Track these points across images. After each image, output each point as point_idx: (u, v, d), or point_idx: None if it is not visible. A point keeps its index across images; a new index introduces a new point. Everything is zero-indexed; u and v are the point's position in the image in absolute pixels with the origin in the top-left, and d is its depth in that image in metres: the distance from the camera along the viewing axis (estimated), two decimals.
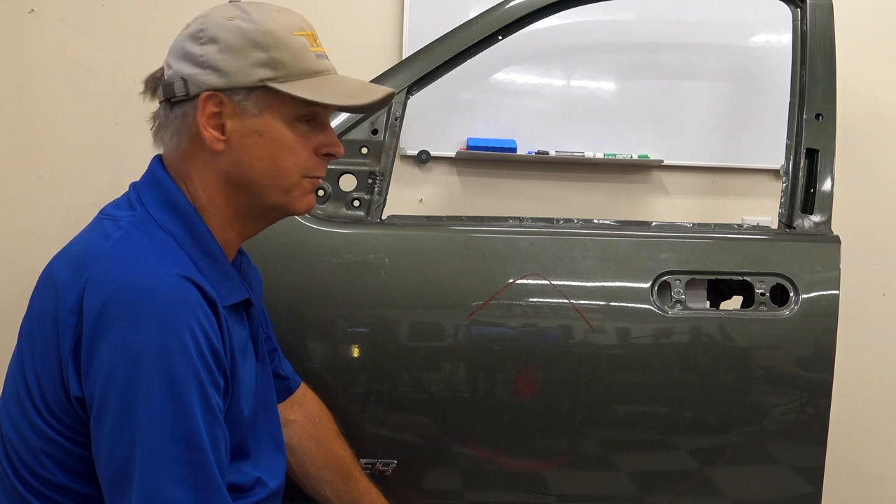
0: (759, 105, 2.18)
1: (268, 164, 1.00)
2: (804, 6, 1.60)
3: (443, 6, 2.08)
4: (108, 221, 0.98)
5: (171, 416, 0.87)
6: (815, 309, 1.44)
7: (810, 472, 1.46)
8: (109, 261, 0.91)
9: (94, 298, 0.89)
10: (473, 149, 2.09)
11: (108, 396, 0.87)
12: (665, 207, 2.24)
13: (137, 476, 0.86)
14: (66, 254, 0.98)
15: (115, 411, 0.87)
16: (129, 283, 0.89)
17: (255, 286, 1.17)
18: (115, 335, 0.87)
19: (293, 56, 0.99)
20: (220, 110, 0.98)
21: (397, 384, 1.43)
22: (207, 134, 0.98)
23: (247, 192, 1.01)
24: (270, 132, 0.99)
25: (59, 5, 2.03)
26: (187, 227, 0.99)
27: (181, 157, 1.01)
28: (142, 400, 0.86)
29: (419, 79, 1.52)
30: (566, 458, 1.45)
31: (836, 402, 1.46)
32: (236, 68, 0.97)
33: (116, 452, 0.87)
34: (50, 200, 2.05)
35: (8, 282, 2.02)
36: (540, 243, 1.46)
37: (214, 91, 0.97)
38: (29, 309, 0.99)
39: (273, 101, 0.98)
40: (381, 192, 1.49)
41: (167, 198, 1.00)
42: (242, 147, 0.99)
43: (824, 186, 1.53)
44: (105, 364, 0.87)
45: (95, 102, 2.04)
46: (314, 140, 1.03)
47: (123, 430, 0.87)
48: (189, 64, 0.98)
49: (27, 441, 0.95)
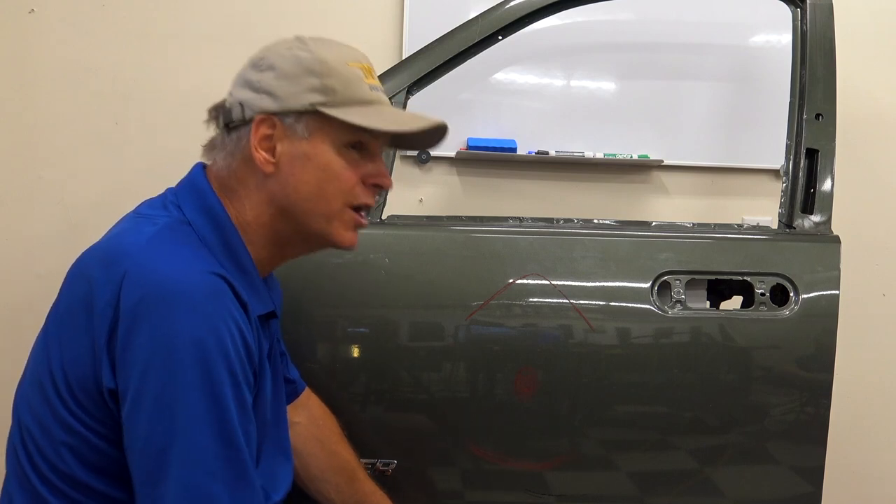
0: (759, 105, 2.18)
1: (313, 188, 1.02)
2: (804, 6, 1.60)
3: (443, 6, 2.08)
4: (144, 220, 1.00)
5: (208, 409, 0.88)
6: (815, 309, 1.44)
7: (810, 472, 1.46)
8: (145, 257, 0.93)
9: (132, 293, 0.90)
10: (473, 149, 2.09)
11: (144, 388, 0.88)
12: (665, 207, 2.24)
13: (174, 469, 0.87)
14: (99, 249, 0.99)
15: (152, 403, 0.88)
16: (165, 277, 0.91)
17: (277, 300, 1.18)
18: (151, 328, 0.88)
19: (345, 84, 1.02)
20: (272, 133, 1.00)
21: (397, 384, 1.43)
22: (259, 155, 1.00)
23: (290, 218, 1.03)
24: (318, 156, 1.01)
25: (59, 5, 2.03)
26: (221, 235, 1.01)
27: (231, 177, 1.04)
28: (180, 392, 0.87)
29: (419, 79, 1.52)
30: (566, 458, 1.45)
31: (836, 402, 1.46)
32: (289, 93, 1.00)
33: (152, 444, 0.88)
34: (50, 200, 2.05)
35: (8, 282, 2.02)
36: (540, 243, 1.46)
37: (268, 114, 1.00)
38: (58, 301, 1.00)
39: (322, 125, 1.01)
40: (381, 193, 1.49)
41: (205, 204, 1.02)
42: (290, 169, 1.01)
43: (824, 186, 1.53)
44: (142, 356, 0.88)
45: (95, 102, 2.04)
46: (362, 169, 1.05)
47: (160, 421, 0.88)
48: (247, 90, 1.02)
49: (49, 433, 0.95)
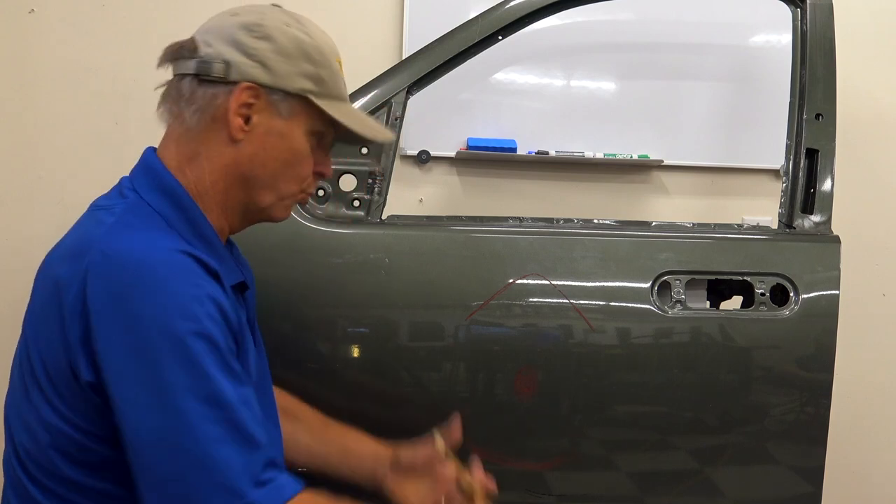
0: (759, 105, 2.18)
1: (279, 166, 1.03)
2: (804, 6, 1.60)
3: (443, 6, 2.08)
4: (101, 212, 0.99)
5: (191, 379, 0.88)
6: (815, 309, 1.44)
7: (810, 472, 1.46)
8: (106, 244, 0.92)
9: (97, 282, 0.90)
10: (473, 149, 2.09)
11: (126, 376, 0.88)
12: (665, 207, 2.24)
13: (175, 448, 0.86)
14: (61, 247, 0.99)
15: (137, 389, 0.88)
16: (129, 261, 0.91)
17: (247, 273, 1.18)
18: (122, 315, 0.88)
19: (332, 77, 1.05)
20: (253, 103, 1.01)
21: (397, 384, 1.43)
22: (235, 121, 1.00)
23: (246, 187, 1.04)
24: (292, 138, 1.03)
25: (59, 5, 2.03)
26: (181, 209, 1.01)
27: (194, 136, 1.02)
28: (162, 373, 0.87)
29: (419, 79, 1.52)
30: (566, 458, 1.45)
31: (836, 402, 1.46)
32: (286, 72, 1.01)
33: (146, 429, 0.87)
34: (50, 200, 2.05)
35: (8, 282, 2.02)
36: (540, 243, 1.46)
37: (257, 84, 1.00)
38: (31, 305, 1.00)
39: (304, 111, 1.03)
40: (381, 192, 1.49)
41: (159, 182, 1.01)
42: (262, 143, 1.02)
43: (824, 186, 1.53)
44: (118, 345, 0.88)
45: (95, 102, 2.04)
46: (315, 157, 1.08)
47: (149, 406, 0.87)
48: (238, 52, 1.00)
49: (37, 435, 0.95)
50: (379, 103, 1.49)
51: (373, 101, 1.50)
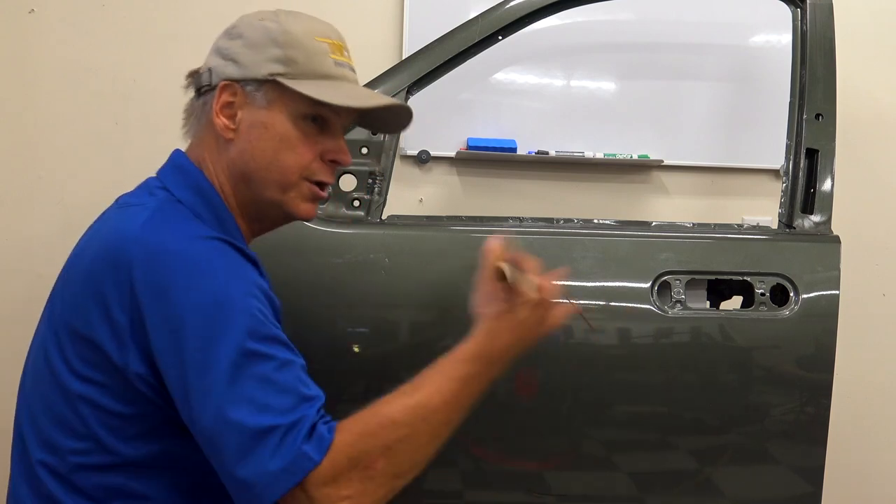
0: (759, 105, 2.18)
1: (269, 157, 1.03)
2: (804, 6, 1.60)
3: (443, 6, 2.08)
4: (132, 208, 1.00)
5: (241, 358, 0.87)
6: (815, 309, 1.44)
7: (810, 472, 1.46)
8: (147, 238, 0.93)
9: (144, 275, 0.90)
10: (473, 149, 2.09)
11: (188, 364, 0.88)
12: (665, 207, 2.24)
13: (229, 419, 0.86)
14: (91, 242, 0.99)
15: (197, 377, 0.87)
16: (171, 251, 0.92)
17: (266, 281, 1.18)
18: (172, 305, 0.89)
19: (307, 56, 1.02)
20: (234, 100, 1.02)
21: (397, 384, 1.43)
22: (219, 121, 1.02)
23: (248, 184, 1.04)
24: (275, 126, 1.02)
25: (59, 5, 2.03)
26: (212, 209, 1.02)
27: (200, 144, 1.06)
28: (217, 355, 0.87)
29: (419, 79, 1.52)
30: (566, 458, 1.45)
31: (836, 402, 1.46)
32: (252, 61, 1.02)
33: (204, 413, 0.87)
34: (50, 200, 2.05)
35: (8, 282, 2.02)
36: (540, 243, 1.46)
37: (231, 81, 1.02)
38: (58, 303, 0.99)
39: (281, 95, 1.02)
40: (381, 192, 1.49)
41: (192, 181, 1.03)
42: (248, 137, 1.02)
43: (824, 186, 1.53)
44: (175, 336, 0.88)
45: (95, 102, 2.04)
46: (321, 144, 1.06)
47: (205, 389, 0.87)
48: (217, 56, 1.05)
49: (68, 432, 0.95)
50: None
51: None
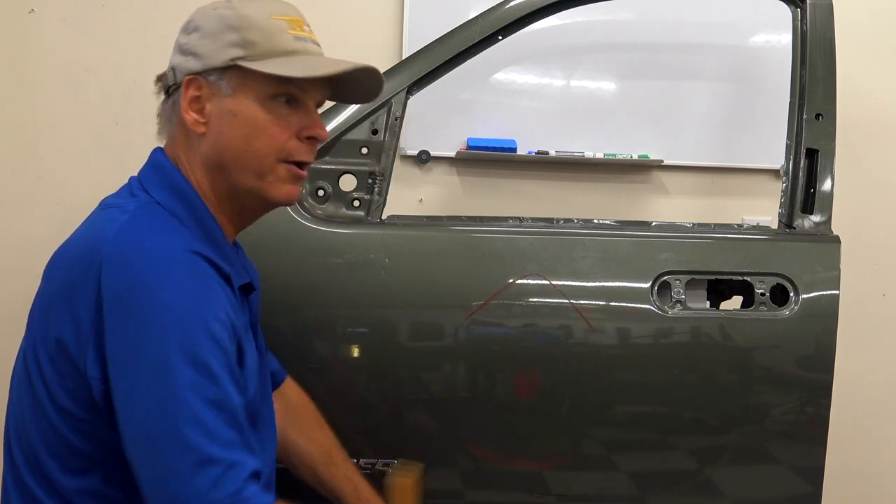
0: (759, 105, 2.18)
1: (241, 144, 1.01)
2: (804, 6, 1.60)
3: (443, 6, 2.08)
4: (113, 210, 0.99)
5: (198, 380, 0.88)
6: (815, 309, 1.44)
7: (810, 472, 1.46)
8: (122, 242, 0.93)
9: (111, 279, 0.90)
10: (473, 149, 2.09)
11: (130, 367, 0.88)
12: (665, 207, 2.24)
13: (170, 442, 0.87)
14: (72, 243, 0.99)
15: (146, 386, 0.88)
16: (142, 259, 0.91)
17: (253, 275, 1.18)
18: (133, 309, 0.89)
19: (266, 36, 1.00)
20: (199, 94, 1.01)
21: (397, 384, 1.43)
22: (188, 117, 1.01)
23: (224, 175, 1.03)
24: (243, 112, 1.01)
25: (59, 5, 2.03)
26: (191, 210, 1.01)
27: (173, 144, 1.05)
28: (169, 370, 0.87)
29: (419, 79, 1.52)
30: (566, 458, 1.45)
31: (836, 402, 1.46)
32: (210, 51, 1.00)
33: (151, 422, 0.88)
34: (50, 200, 2.05)
35: (8, 281, 2.02)
36: (540, 243, 1.46)
37: (194, 75, 1.00)
38: (38, 300, 1.00)
39: (245, 79, 1.00)
40: (381, 192, 1.49)
41: (170, 181, 1.02)
42: (219, 127, 1.01)
43: (824, 186, 1.53)
44: (125, 337, 0.89)
45: (95, 102, 2.04)
46: (295, 123, 1.03)
47: (156, 401, 0.87)
48: (177, 54, 1.04)
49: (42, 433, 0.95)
50: (379, 103, 1.49)
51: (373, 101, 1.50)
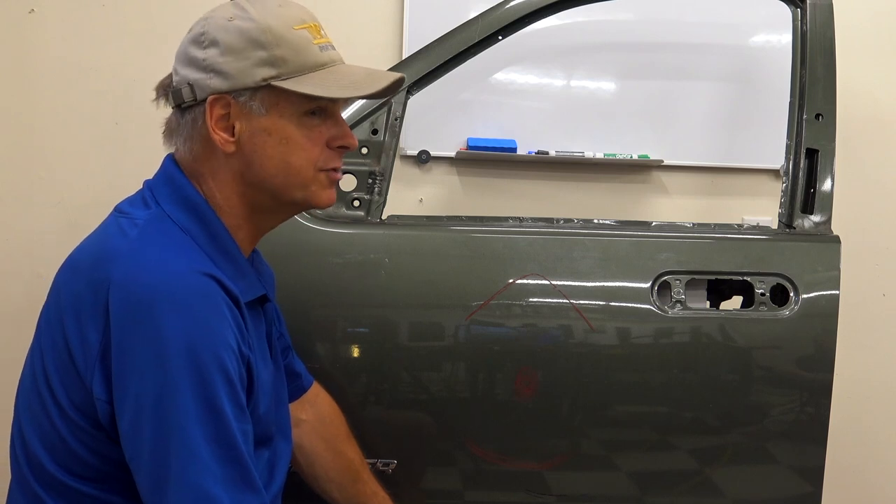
0: (759, 105, 2.18)
1: (279, 163, 1.00)
2: (804, 6, 1.60)
3: (443, 6, 2.08)
4: (125, 220, 0.99)
5: (203, 414, 0.88)
6: (815, 309, 1.44)
7: (810, 472, 1.46)
8: (130, 262, 0.92)
9: (120, 300, 0.89)
10: (473, 149, 2.09)
11: (142, 396, 0.88)
12: (665, 207, 2.24)
13: (174, 472, 0.87)
14: (85, 252, 0.98)
15: (151, 411, 0.87)
16: (153, 282, 0.90)
17: (269, 283, 1.17)
18: (143, 336, 0.88)
19: (295, 52, 0.98)
20: (227, 112, 0.98)
21: (397, 384, 1.43)
22: (217, 137, 0.98)
23: (264, 191, 1.02)
24: (279, 130, 0.99)
25: (59, 5, 2.03)
26: (203, 224, 0.99)
27: (195, 160, 1.02)
28: (176, 398, 0.87)
29: (419, 79, 1.52)
30: (566, 458, 1.45)
31: (836, 402, 1.46)
32: (238, 70, 0.97)
33: (155, 453, 0.88)
34: (50, 200, 2.05)
35: (8, 282, 2.02)
36: (540, 243, 1.46)
37: (220, 94, 0.97)
38: (47, 306, 0.99)
39: (278, 99, 0.98)
40: (381, 192, 1.49)
41: (182, 195, 1.00)
42: (252, 147, 0.99)
43: (824, 186, 1.53)
44: (137, 365, 0.88)
45: (95, 102, 2.04)
46: (325, 133, 1.03)
47: (159, 428, 0.87)
48: (193, 69, 0.99)
49: (46, 434, 0.95)
50: (379, 103, 1.49)
51: (373, 100, 1.50)
